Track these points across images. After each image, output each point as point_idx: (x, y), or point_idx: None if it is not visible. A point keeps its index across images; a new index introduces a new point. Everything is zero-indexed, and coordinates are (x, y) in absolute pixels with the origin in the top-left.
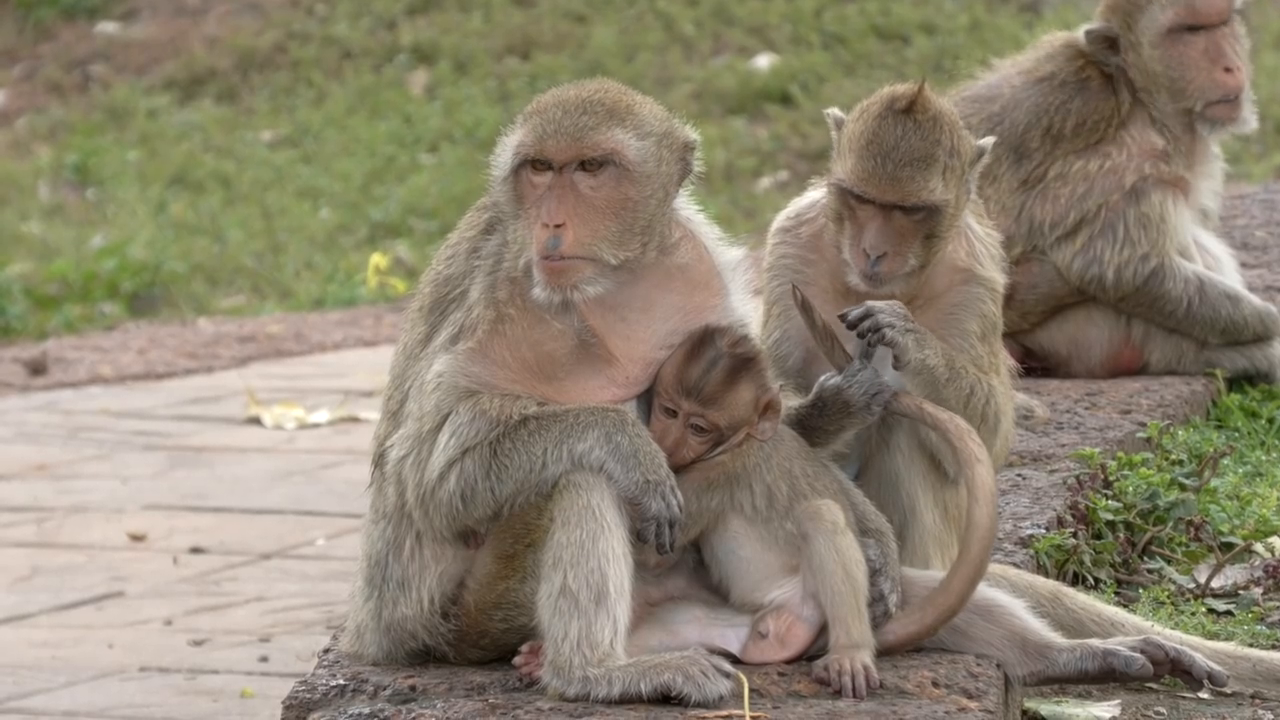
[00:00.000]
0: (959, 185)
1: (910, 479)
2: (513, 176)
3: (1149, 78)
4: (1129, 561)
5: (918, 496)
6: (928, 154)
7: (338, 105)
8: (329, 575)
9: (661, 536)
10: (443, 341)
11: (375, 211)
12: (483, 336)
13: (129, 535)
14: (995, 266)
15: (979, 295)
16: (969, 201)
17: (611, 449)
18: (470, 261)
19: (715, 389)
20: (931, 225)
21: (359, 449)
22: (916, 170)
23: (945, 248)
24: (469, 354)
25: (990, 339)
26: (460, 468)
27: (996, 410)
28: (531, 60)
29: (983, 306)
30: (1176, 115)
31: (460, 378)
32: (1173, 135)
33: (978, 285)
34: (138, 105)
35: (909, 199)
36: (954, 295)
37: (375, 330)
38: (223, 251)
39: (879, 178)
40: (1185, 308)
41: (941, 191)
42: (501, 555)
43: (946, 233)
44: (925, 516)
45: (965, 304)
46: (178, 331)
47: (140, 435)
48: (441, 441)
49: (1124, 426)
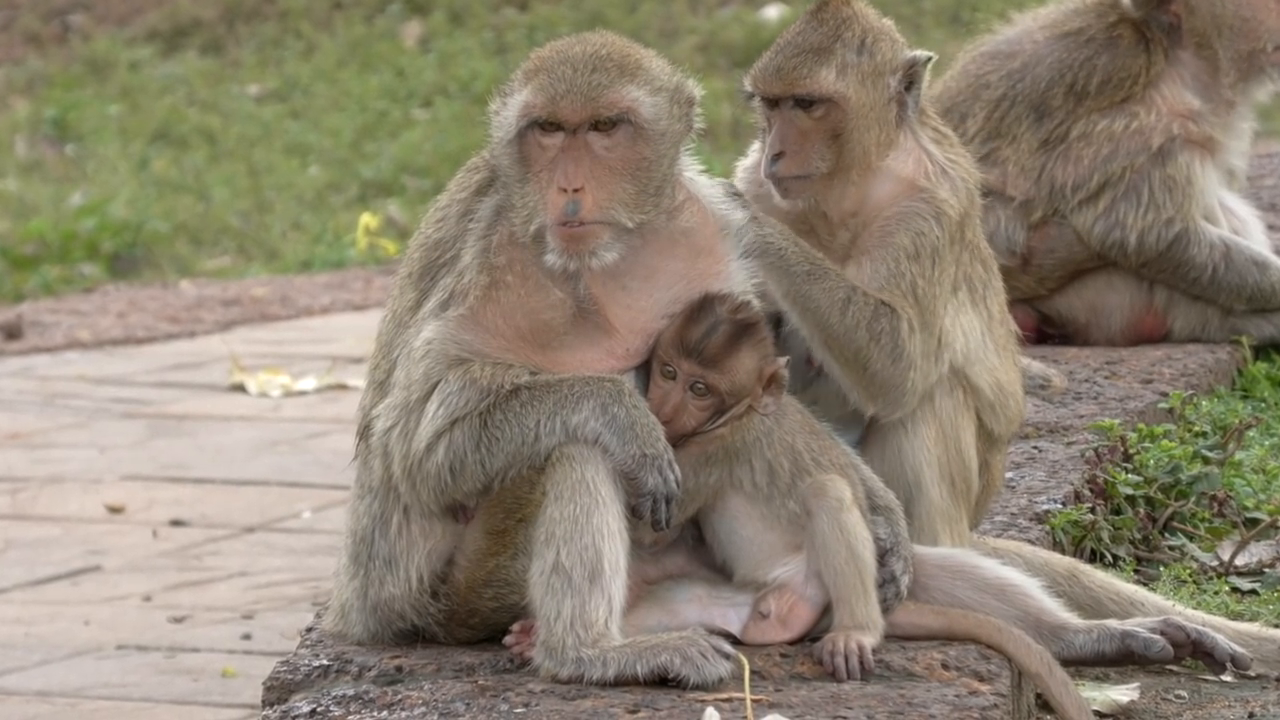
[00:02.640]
0: (870, 86)
1: (914, 453)
2: (518, 139)
3: (1213, 22)
4: (1149, 538)
5: (923, 471)
6: (821, 46)
7: (327, 58)
8: (315, 549)
9: (658, 513)
10: (433, 307)
11: (366, 169)
12: (475, 303)
13: (107, 507)
14: (950, 189)
15: (918, 210)
16: (903, 113)
17: (607, 420)
18: (462, 224)
19: (717, 350)
20: (835, 123)
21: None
22: (804, 60)
23: (861, 153)
24: (460, 320)
25: (924, 261)
26: (449, 439)
27: (896, 333)
28: (530, 11)
29: (920, 223)
30: (1238, 62)
31: (451, 345)
32: (1215, 92)
33: (920, 201)
34: (119, 57)
35: (797, 88)
36: (891, 209)
37: (365, 294)
38: (207, 211)
39: (769, 70)
40: (1210, 273)
41: (835, 83)
42: (492, 531)
43: (857, 135)
44: (931, 492)
45: (900, 217)
46: (159, 294)
47: (119, 403)
48: (430, 411)
49: (1145, 397)
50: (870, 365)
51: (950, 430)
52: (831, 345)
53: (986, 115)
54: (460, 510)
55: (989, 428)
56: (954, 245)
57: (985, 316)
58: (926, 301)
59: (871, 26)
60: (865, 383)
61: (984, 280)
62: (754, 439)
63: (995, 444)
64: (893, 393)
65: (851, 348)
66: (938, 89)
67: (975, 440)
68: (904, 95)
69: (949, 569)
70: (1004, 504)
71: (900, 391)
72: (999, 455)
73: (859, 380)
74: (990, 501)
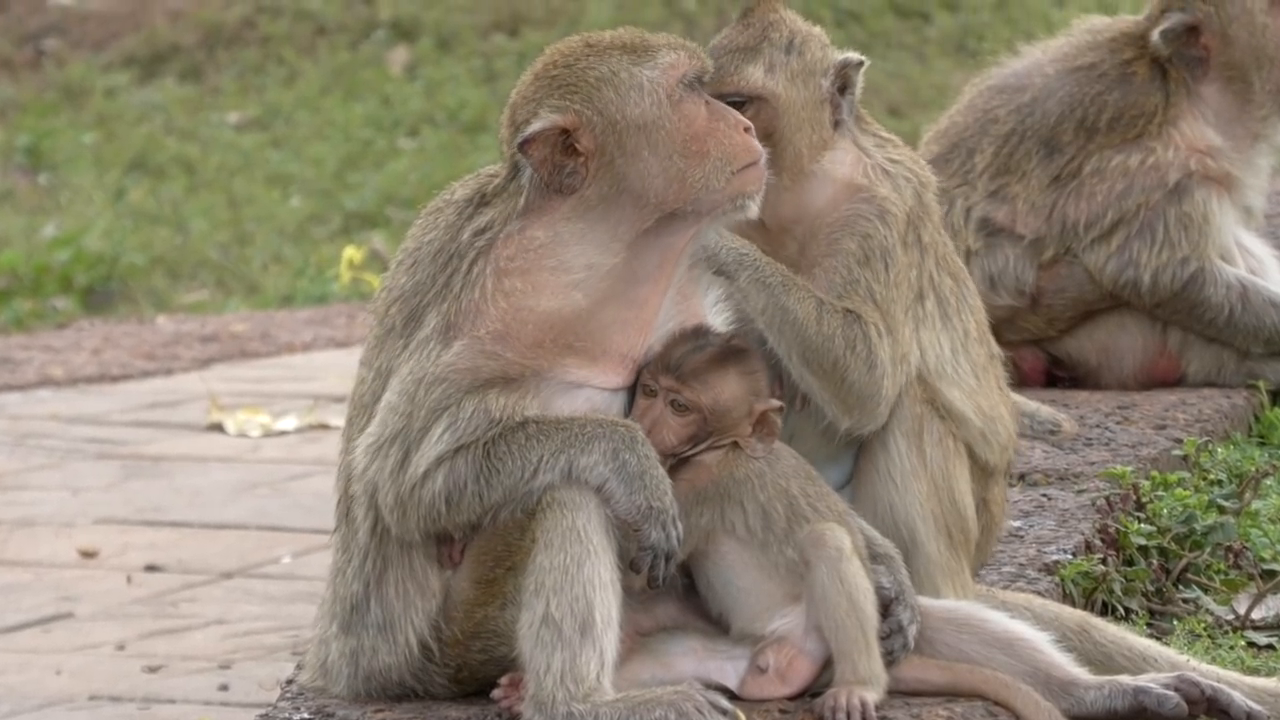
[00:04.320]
0: (801, 85)
1: (907, 507)
2: (673, 105)
3: (1252, 54)
4: (1163, 590)
5: (917, 526)
6: (748, 45)
7: (310, 85)
8: (295, 596)
9: (656, 569)
10: (431, 334)
11: (350, 200)
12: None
13: (79, 551)
14: (891, 186)
15: (860, 212)
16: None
17: (617, 466)
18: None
19: (698, 365)
20: (765, 122)
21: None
22: (731, 59)
23: (794, 155)
24: (474, 343)
25: (875, 265)
26: (450, 466)
27: (868, 340)
28: (520, 37)
29: (864, 225)
30: (1275, 94)
31: (466, 373)
32: (1239, 126)
33: (861, 202)
34: (94, 83)
35: (725, 86)
36: (836, 214)
37: (348, 330)
38: (185, 243)
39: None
40: (1226, 315)
41: (764, 80)
42: (480, 580)
43: (789, 134)
44: (929, 547)
45: (844, 222)
46: (135, 330)
47: (93, 443)
48: (435, 435)
49: (1158, 443)
50: (848, 375)
51: (942, 480)
52: (810, 358)
53: (995, 151)
54: (446, 555)
55: (981, 459)
56: (907, 247)
57: (960, 334)
58: (886, 305)
59: (799, 29)
60: (844, 394)
61: (956, 294)
62: (744, 478)
63: (991, 476)
64: (869, 403)
65: (829, 358)
66: (944, 123)
67: (969, 481)
68: (838, 98)
69: (955, 622)
70: (1012, 554)
71: (875, 401)
72: (997, 488)
73: (837, 392)
74: (993, 541)
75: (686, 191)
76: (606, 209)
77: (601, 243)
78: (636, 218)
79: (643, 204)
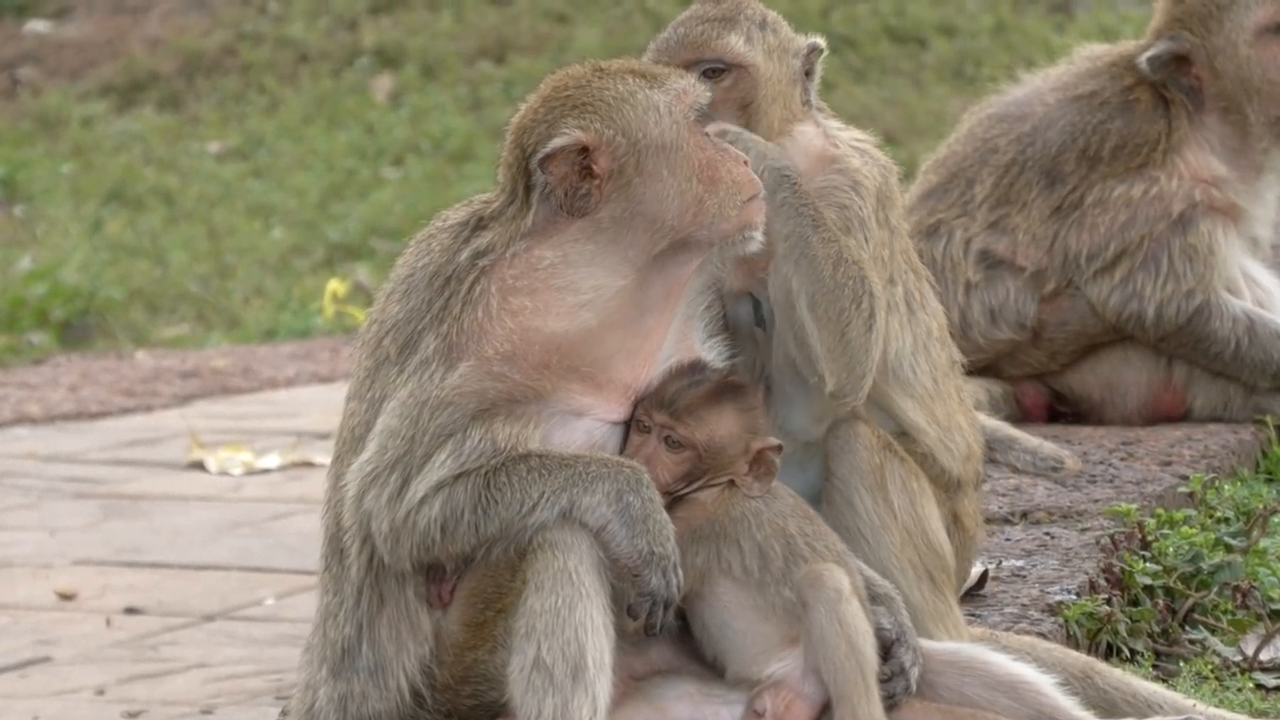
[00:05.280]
0: (777, 61)
1: (883, 561)
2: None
3: (1241, 86)
4: (1169, 631)
5: (895, 577)
6: (724, 16)
7: (292, 113)
8: (278, 639)
9: (654, 615)
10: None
11: (333, 231)
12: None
13: (57, 594)
14: (861, 160)
15: (835, 184)
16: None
17: (620, 508)
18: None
19: (693, 402)
20: (744, 92)
21: (312, 497)
22: (711, 27)
23: (766, 129)
24: (479, 366)
25: (856, 235)
26: (449, 492)
27: (872, 300)
28: (507, 64)
29: (840, 196)
30: (1271, 126)
31: (473, 397)
32: (1243, 157)
33: (834, 173)
34: (71, 113)
35: (706, 52)
36: (809, 185)
37: (332, 365)
38: (164, 276)
39: (673, 41)
40: (1233, 349)
41: (743, 49)
42: (470, 623)
43: (765, 106)
44: (913, 595)
45: (821, 193)
46: (113, 365)
47: (71, 482)
48: (437, 460)
49: (1164, 480)
50: (848, 331)
51: (914, 525)
52: (817, 302)
53: (995, 180)
54: (435, 594)
55: (945, 470)
56: (879, 224)
57: (923, 331)
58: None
59: (767, 11)
60: (839, 350)
61: (919, 289)
62: (741, 516)
63: (959, 489)
64: (858, 367)
65: (836, 308)
66: (942, 152)
67: (939, 514)
68: (805, 80)
69: (957, 664)
70: (1014, 594)
71: (865, 367)
72: (967, 500)
73: (833, 347)
74: (969, 559)
75: (702, 216)
76: (618, 232)
77: (611, 266)
78: (648, 242)
79: (656, 228)
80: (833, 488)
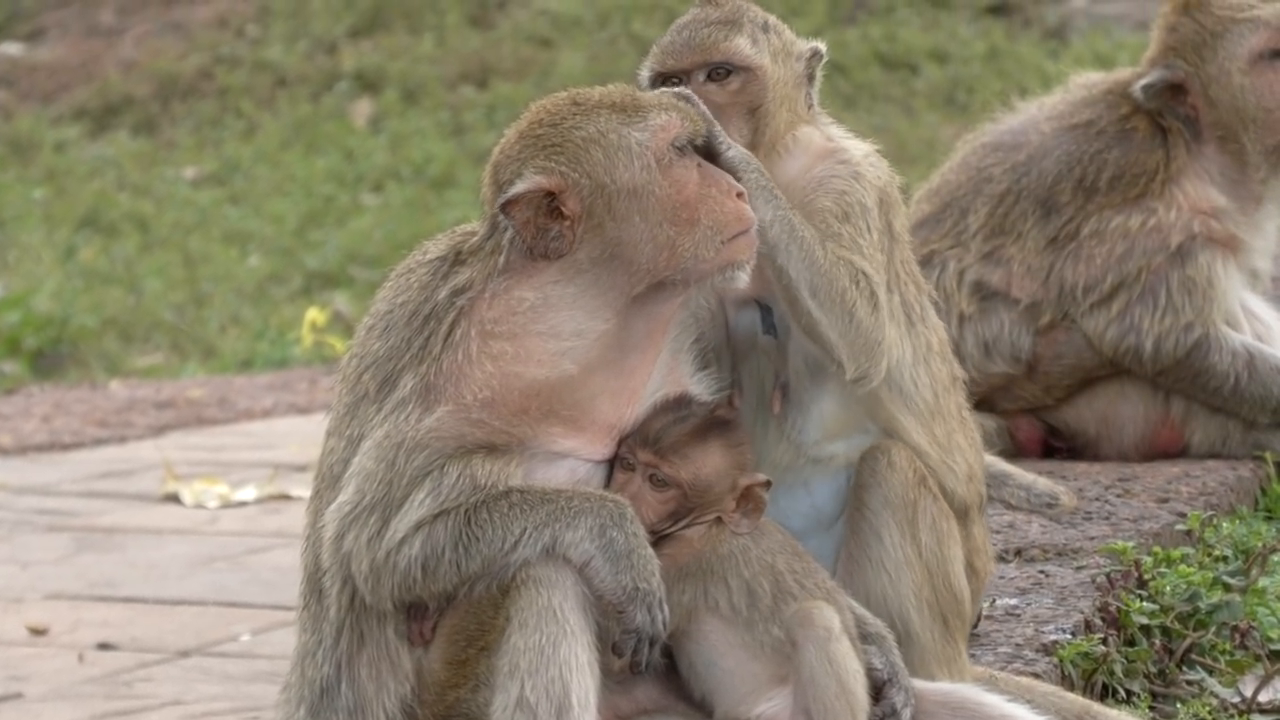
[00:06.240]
0: (781, 64)
1: (901, 598)
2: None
3: (1237, 115)
4: (1166, 672)
5: (911, 617)
6: (729, 18)
7: (270, 138)
8: (255, 676)
9: (640, 653)
10: (408, 396)
11: (311, 259)
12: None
13: (29, 629)
14: (863, 155)
15: (834, 172)
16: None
17: (604, 544)
18: (415, 323)
19: (678, 439)
20: (752, 95)
21: (290, 531)
22: (716, 29)
23: (773, 134)
24: (458, 410)
25: (856, 221)
26: (429, 531)
27: (868, 277)
28: (489, 89)
29: (838, 183)
30: (1268, 156)
31: (451, 439)
32: (1243, 187)
33: (837, 164)
34: (44, 137)
35: (713, 55)
36: (807, 179)
37: (310, 396)
38: (138, 304)
39: (678, 45)
40: (1232, 383)
41: (750, 51)
42: (452, 661)
43: (773, 110)
44: (923, 636)
45: (818, 182)
46: (86, 395)
47: (43, 514)
48: (416, 500)
49: (1161, 517)
50: (855, 311)
51: (937, 566)
52: (818, 286)
53: (990, 211)
54: (416, 632)
55: (950, 493)
56: (882, 219)
57: (923, 345)
58: (871, 258)
59: (767, 14)
60: (851, 334)
61: (920, 303)
62: (728, 553)
63: (967, 515)
64: (875, 347)
65: (837, 288)
66: (935, 181)
67: (962, 555)
68: (808, 85)
69: (950, 705)
70: (1009, 633)
71: (880, 347)
72: (976, 528)
73: (845, 331)
74: (980, 599)
75: (675, 260)
76: (597, 273)
77: (592, 309)
78: (627, 284)
79: (633, 270)
80: (861, 517)
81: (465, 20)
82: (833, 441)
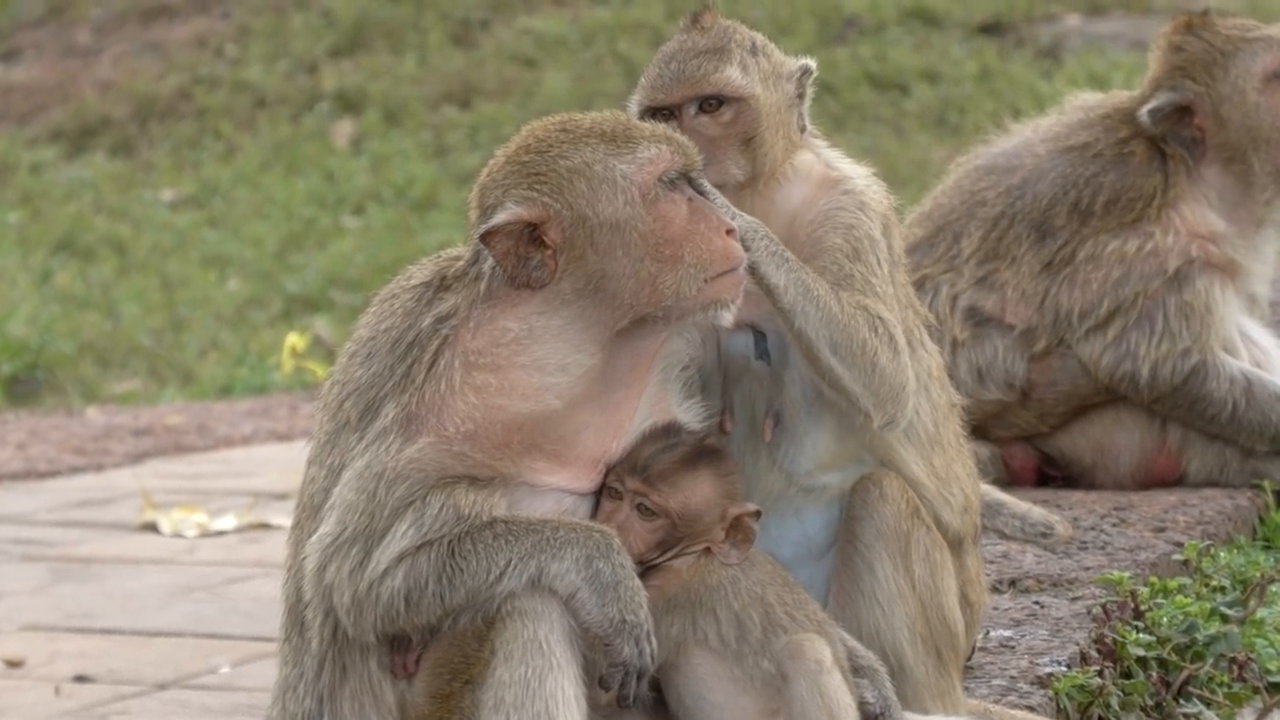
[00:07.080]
0: (773, 88)
1: (894, 632)
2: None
3: (1248, 135)
4: (1163, 704)
5: (905, 650)
6: (717, 47)
7: (249, 160)
8: (234, 709)
9: (627, 686)
10: (390, 426)
11: (292, 283)
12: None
13: (4, 660)
14: (864, 182)
15: (840, 204)
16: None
17: (590, 575)
18: (397, 351)
19: (667, 468)
20: (746, 125)
21: (270, 560)
22: (705, 60)
23: (771, 162)
24: (441, 442)
25: (867, 258)
26: (412, 563)
27: (885, 322)
28: (472, 109)
29: (846, 217)
30: (1276, 176)
31: (433, 469)
32: (1243, 210)
33: (842, 195)
34: (19, 159)
35: (704, 87)
36: (812, 212)
37: (290, 422)
38: (115, 329)
39: (667, 78)
40: (1230, 411)
41: (741, 80)
42: (436, 694)
43: (768, 138)
44: (917, 670)
45: (825, 217)
46: (62, 422)
47: (18, 544)
48: (398, 531)
49: (1157, 547)
50: (878, 360)
51: (931, 599)
52: (839, 342)
53: (983, 235)
54: (399, 664)
55: (946, 525)
56: (887, 247)
57: (923, 371)
58: (884, 296)
59: (754, 36)
60: (875, 383)
61: (917, 327)
62: (717, 585)
63: (961, 546)
64: (900, 393)
65: (858, 340)
66: (928, 204)
67: (956, 587)
68: (799, 104)
69: None
70: (1003, 666)
71: (905, 391)
72: (970, 559)
73: (869, 382)
74: (975, 631)
75: (657, 296)
76: (582, 306)
77: (577, 342)
78: (610, 317)
79: (616, 304)
80: (854, 550)
81: (448, 39)
82: (826, 472)
